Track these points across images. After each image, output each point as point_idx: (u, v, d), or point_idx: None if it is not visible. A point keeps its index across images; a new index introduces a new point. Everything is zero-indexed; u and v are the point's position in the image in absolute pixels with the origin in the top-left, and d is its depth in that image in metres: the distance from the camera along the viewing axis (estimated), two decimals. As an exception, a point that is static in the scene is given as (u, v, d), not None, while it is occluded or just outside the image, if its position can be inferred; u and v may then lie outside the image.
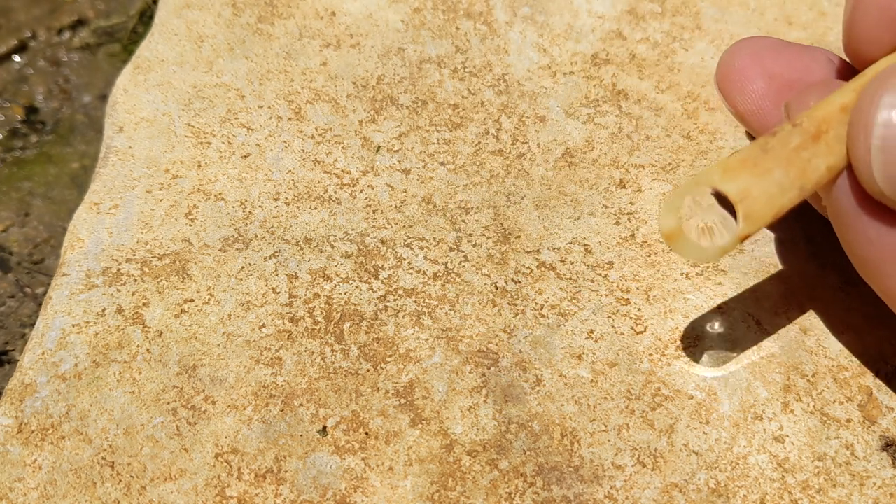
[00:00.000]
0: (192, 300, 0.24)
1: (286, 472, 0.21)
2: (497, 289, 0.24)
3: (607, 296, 0.24)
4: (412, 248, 0.25)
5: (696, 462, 0.21)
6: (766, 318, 0.23)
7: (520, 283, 0.24)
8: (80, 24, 0.35)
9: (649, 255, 0.25)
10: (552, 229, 0.25)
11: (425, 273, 0.24)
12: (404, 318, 0.23)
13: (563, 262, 0.24)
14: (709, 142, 0.27)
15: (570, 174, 0.26)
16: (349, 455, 0.21)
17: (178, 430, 0.22)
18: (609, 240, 0.25)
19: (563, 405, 0.22)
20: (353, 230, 0.25)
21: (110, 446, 0.21)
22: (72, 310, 0.23)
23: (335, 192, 0.26)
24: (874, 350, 0.23)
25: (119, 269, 0.24)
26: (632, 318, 0.23)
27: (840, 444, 0.22)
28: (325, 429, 0.22)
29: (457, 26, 0.29)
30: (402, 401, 0.22)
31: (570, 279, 0.24)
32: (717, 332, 0.23)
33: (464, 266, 0.24)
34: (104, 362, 0.23)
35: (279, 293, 0.24)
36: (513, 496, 0.21)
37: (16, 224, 0.30)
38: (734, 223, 0.18)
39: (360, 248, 0.25)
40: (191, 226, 0.25)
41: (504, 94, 0.28)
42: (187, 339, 0.23)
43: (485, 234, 0.25)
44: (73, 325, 0.23)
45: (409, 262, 0.24)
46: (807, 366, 0.23)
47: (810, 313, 0.24)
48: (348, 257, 0.24)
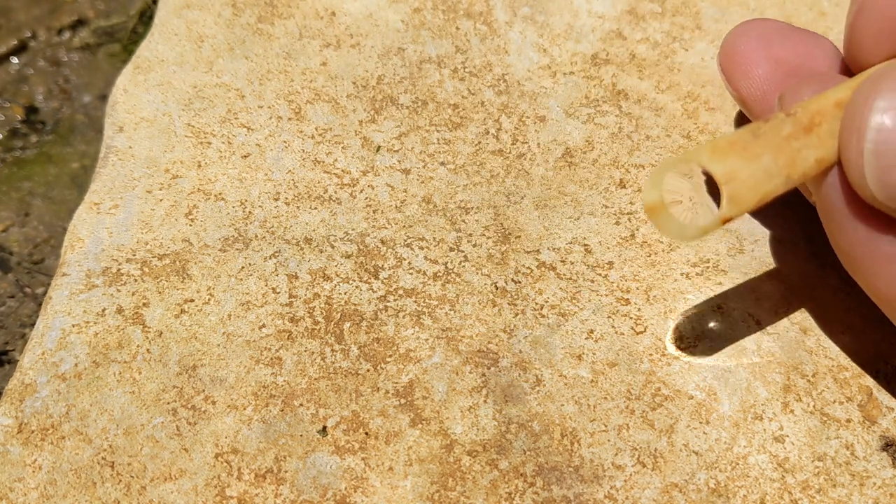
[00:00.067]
0: (192, 300, 0.24)
1: (286, 472, 0.21)
2: (497, 289, 0.24)
3: (607, 296, 0.24)
4: (412, 248, 0.25)
5: (696, 462, 0.21)
6: (766, 318, 0.23)
7: (520, 283, 0.24)
8: (80, 24, 0.35)
9: (649, 255, 0.25)
10: (552, 229, 0.25)
11: (425, 273, 0.24)
12: (404, 318, 0.23)
13: (563, 262, 0.24)
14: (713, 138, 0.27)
15: (570, 174, 0.26)
16: (349, 455, 0.21)
17: (178, 430, 0.22)
18: (609, 240, 0.25)
19: (563, 405, 0.22)
20: (353, 230, 0.25)
21: (110, 446, 0.21)
22: (72, 310, 0.23)
23: (335, 192, 0.26)
24: (874, 350, 0.23)
25: (119, 269, 0.24)
26: (632, 318, 0.23)
27: (840, 444, 0.22)
28: (325, 429, 0.22)
29: (457, 26, 0.29)
30: (402, 401, 0.22)
31: (570, 279, 0.24)
32: (717, 332, 0.23)
33: (464, 266, 0.24)
34: (104, 362, 0.23)
35: (279, 293, 0.24)
36: (513, 496, 0.21)
37: (16, 224, 0.30)
38: (713, 206, 0.18)
39: (360, 248, 0.25)
40: (191, 226, 0.25)
41: (504, 94, 0.28)
42: (187, 339, 0.23)
43: (485, 234, 0.25)
44: (73, 325, 0.23)
45: (409, 262, 0.24)
46: (807, 366, 0.23)
47: (810, 313, 0.24)
48: (348, 257, 0.24)
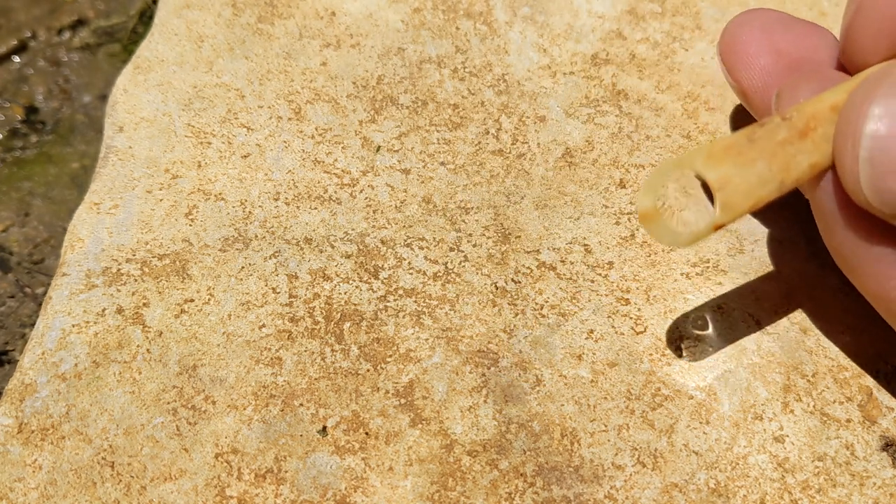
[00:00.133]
0: (192, 300, 0.24)
1: (286, 472, 0.21)
2: (497, 289, 0.24)
3: (607, 296, 0.24)
4: (412, 248, 0.25)
5: (696, 462, 0.21)
6: (766, 318, 0.23)
7: (520, 283, 0.24)
8: (80, 24, 0.35)
9: (649, 255, 0.25)
10: (552, 229, 0.25)
11: (425, 273, 0.24)
12: (404, 318, 0.23)
13: (563, 262, 0.24)
14: (709, 142, 0.27)
15: (570, 174, 0.26)
16: (349, 455, 0.21)
17: (178, 430, 0.22)
18: (609, 240, 0.25)
19: (563, 405, 0.22)
20: (353, 230, 0.25)
21: (110, 446, 0.21)
22: (72, 310, 0.23)
23: (335, 192, 0.26)
24: (874, 350, 0.23)
25: (119, 269, 0.24)
26: (632, 318, 0.23)
27: (840, 444, 0.22)
28: (325, 429, 0.22)
29: (457, 26, 0.29)
30: (402, 401, 0.22)
31: (570, 279, 0.24)
32: (717, 332, 0.23)
33: (464, 266, 0.24)
34: (104, 362, 0.23)
35: (279, 293, 0.24)
36: (513, 496, 0.21)
37: (16, 224, 0.30)
38: (711, 211, 0.18)
39: (360, 248, 0.25)
40: (191, 226, 0.25)
41: (504, 94, 0.28)
42: (187, 339, 0.23)
43: (485, 234, 0.25)
44: (73, 325, 0.23)
45: (409, 262, 0.24)
46: (807, 366, 0.23)
47: (810, 313, 0.24)
48: (348, 257, 0.24)
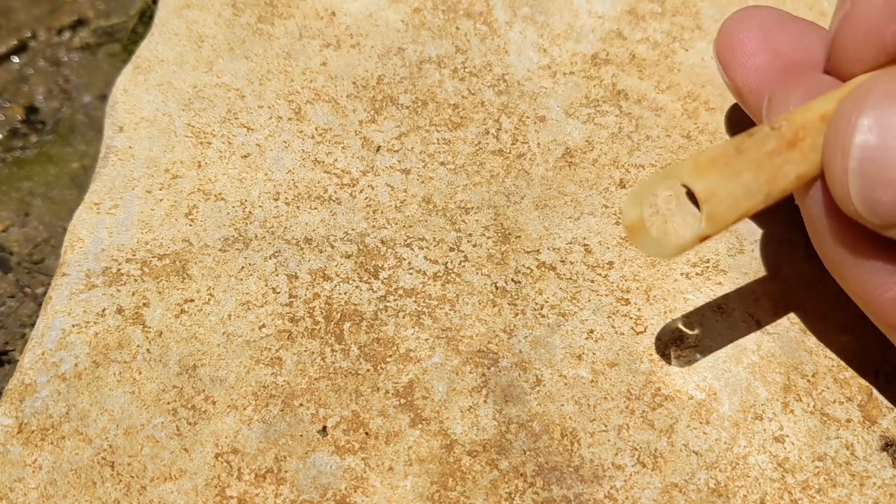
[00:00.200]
0: (192, 300, 0.24)
1: (286, 472, 0.21)
2: (497, 289, 0.24)
3: (607, 296, 0.24)
4: (412, 248, 0.25)
5: (696, 462, 0.21)
6: (766, 318, 0.23)
7: (520, 283, 0.24)
8: (80, 24, 0.35)
9: (649, 256, 0.25)
10: (552, 229, 0.25)
11: (425, 273, 0.24)
12: (404, 318, 0.23)
13: (563, 262, 0.24)
14: (709, 142, 0.27)
15: (570, 174, 0.26)
16: (349, 455, 0.21)
17: (178, 430, 0.22)
18: (609, 240, 0.25)
19: (563, 405, 0.22)
20: (353, 230, 0.25)
21: (110, 446, 0.21)
22: (72, 310, 0.23)
23: (335, 192, 0.26)
24: (874, 350, 0.23)
25: (119, 269, 0.24)
26: (632, 318, 0.23)
27: (840, 444, 0.22)
28: (325, 429, 0.22)
29: (457, 26, 0.29)
30: (402, 401, 0.22)
31: (570, 279, 0.24)
32: (717, 332, 0.23)
33: (464, 266, 0.24)
34: (104, 362, 0.23)
35: (279, 293, 0.24)
36: (513, 496, 0.21)
37: (16, 224, 0.30)
38: (696, 222, 0.18)
39: (360, 248, 0.25)
40: (191, 226, 0.25)
41: (504, 94, 0.28)
42: (187, 339, 0.23)
43: (485, 234, 0.25)
44: (73, 325, 0.23)
45: (409, 262, 0.24)
46: (807, 366, 0.23)
47: (810, 313, 0.24)
48: (348, 257, 0.24)
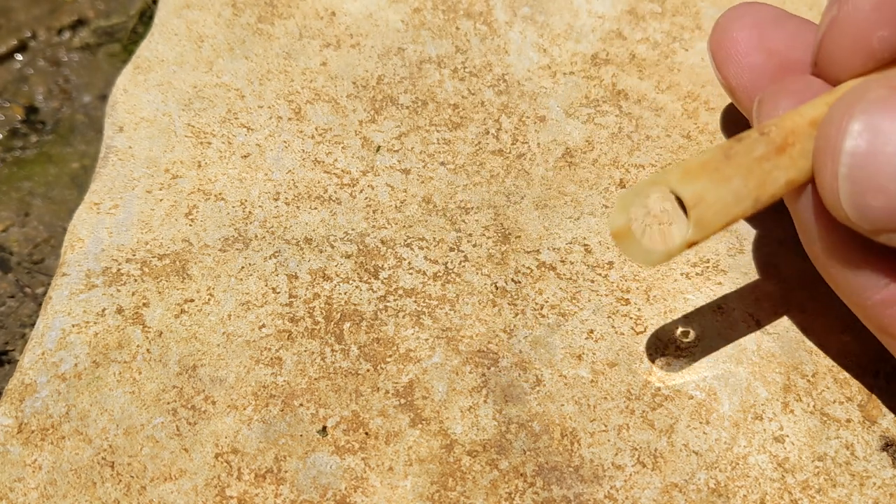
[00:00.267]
0: (192, 300, 0.24)
1: (286, 472, 0.21)
2: (497, 289, 0.24)
3: (607, 296, 0.24)
4: (412, 248, 0.25)
5: (696, 462, 0.21)
6: (766, 318, 0.23)
7: (520, 283, 0.24)
8: (80, 24, 0.35)
9: (649, 255, 0.24)
10: (552, 229, 0.25)
11: (425, 273, 0.24)
12: (404, 318, 0.23)
13: (563, 262, 0.24)
14: (709, 142, 0.27)
15: (570, 174, 0.26)
16: (349, 455, 0.21)
17: (178, 430, 0.22)
18: (609, 240, 0.25)
19: (563, 405, 0.22)
20: (353, 230, 0.25)
21: (110, 446, 0.21)
22: (72, 310, 0.23)
23: (335, 192, 0.26)
24: (874, 350, 0.23)
25: (119, 269, 0.24)
26: (632, 318, 0.23)
27: (840, 444, 0.22)
28: (325, 429, 0.22)
29: (457, 26, 0.29)
30: (402, 401, 0.22)
31: (570, 279, 0.24)
32: (716, 332, 0.23)
33: (464, 266, 0.24)
34: (104, 362, 0.23)
35: (279, 293, 0.24)
36: (513, 496, 0.21)
37: (16, 224, 0.30)
38: (684, 227, 0.18)
39: (360, 248, 0.25)
40: (191, 226, 0.25)
41: (504, 94, 0.28)
42: (187, 339, 0.23)
43: (485, 234, 0.25)
44: (73, 325, 0.23)
45: (409, 262, 0.24)
46: (807, 366, 0.23)
47: (810, 313, 0.24)
48: (348, 257, 0.24)
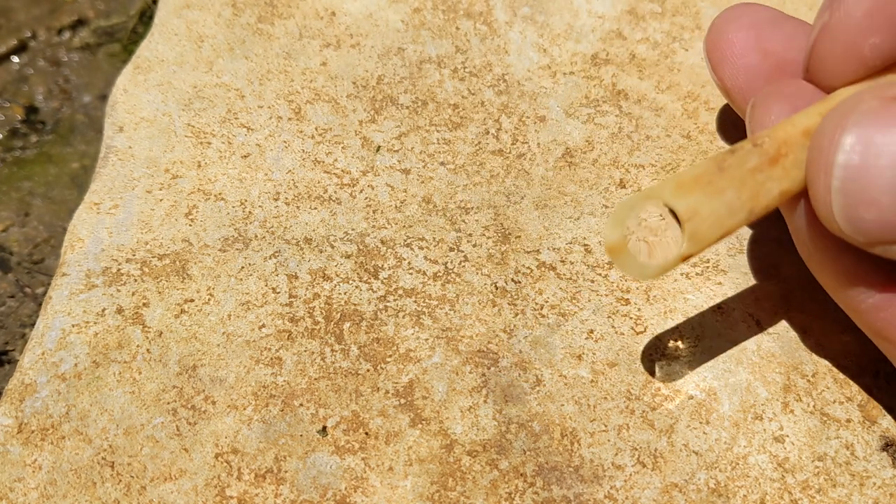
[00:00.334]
0: (192, 300, 0.24)
1: (286, 472, 0.21)
2: (497, 289, 0.24)
3: (607, 296, 0.24)
4: (412, 248, 0.25)
5: (696, 462, 0.21)
6: (766, 318, 0.23)
7: (520, 283, 0.24)
8: (80, 24, 0.35)
9: (649, 255, 0.25)
10: (552, 229, 0.25)
11: (425, 273, 0.24)
12: (404, 318, 0.23)
13: (563, 262, 0.24)
14: (709, 142, 0.27)
15: (570, 174, 0.26)
16: (349, 455, 0.21)
17: (178, 430, 0.22)
18: (609, 240, 0.25)
19: (563, 405, 0.22)
20: (353, 230, 0.25)
21: (110, 446, 0.21)
22: (72, 310, 0.23)
23: (335, 192, 0.26)
24: (874, 350, 0.23)
25: (119, 269, 0.24)
26: (632, 318, 0.23)
27: (840, 444, 0.22)
28: (325, 429, 0.22)
29: (457, 26, 0.29)
30: (402, 401, 0.22)
31: (570, 279, 0.24)
32: (716, 332, 0.23)
33: (464, 266, 0.24)
34: (104, 362, 0.23)
35: (279, 293, 0.24)
36: (513, 496, 0.21)
37: (16, 224, 0.30)
38: (678, 241, 0.18)
39: (360, 248, 0.25)
40: (191, 226, 0.25)
41: (504, 94, 0.28)
42: (187, 339, 0.23)
43: (485, 234, 0.25)
44: (73, 325, 0.23)
45: (409, 262, 0.24)
46: (807, 366, 0.23)
47: (810, 313, 0.24)
48: (348, 257, 0.24)
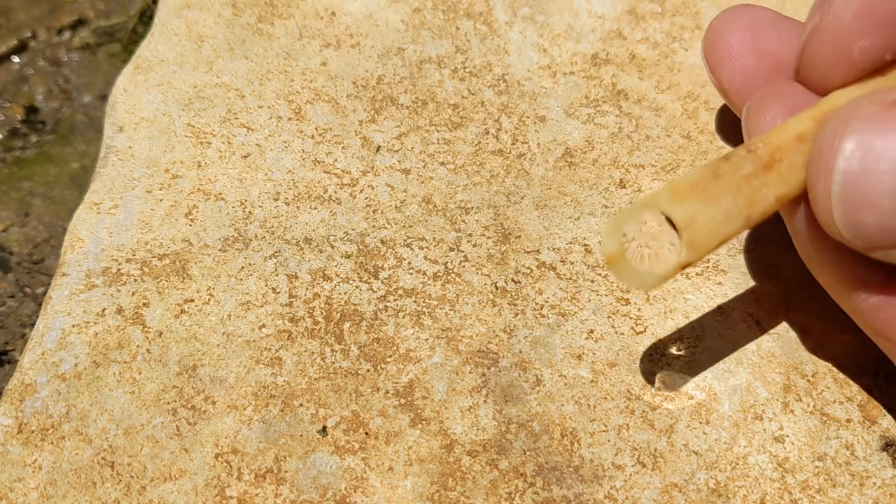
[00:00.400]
0: (192, 300, 0.24)
1: (286, 472, 0.21)
2: (497, 289, 0.24)
3: (607, 296, 0.24)
4: (412, 248, 0.25)
5: (696, 462, 0.21)
6: (766, 318, 0.23)
7: (520, 283, 0.24)
8: (80, 24, 0.35)
9: (649, 255, 0.25)
10: (552, 229, 0.25)
11: (425, 273, 0.24)
12: (404, 318, 0.23)
13: (563, 262, 0.24)
14: (709, 142, 0.27)
15: (570, 174, 0.26)
16: (349, 455, 0.21)
17: (178, 430, 0.22)
18: (609, 240, 0.25)
19: (563, 405, 0.22)
20: (353, 230, 0.25)
21: (110, 446, 0.21)
22: (72, 310, 0.23)
23: (335, 192, 0.26)
24: (874, 350, 0.23)
25: (119, 269, 0.24)
26: (632, 318, 0.23)
27: (840, 444, 0.22)
28: (325, 429, 0.22)
29: (457, 26, 0.29)
30: (402, 401, 0.22)
31: (570, 279, 0.24)
32: (716, 332, 0.23)
33: (464, 266, 0.24)
34: (104, 362, 0.23)
35: (279, 293, 0.24)
36: (513, 496, 0.21)
37: (16, 224, 0.30)
38: (677, 250, 0.18)
39: (360, 248, 0.25)
40: (191, 226, 0.25)
41: (504, 94, 0.28)
42: (187, 339, 0.23)
43: (485, 234, 0.25)
44: (73, 325, 0.23)
45: (409, 262, 0.24)
46: (807, 366, 0.23)
47: (810, 313, 0.24)
48: (348, 257, 0.24)
